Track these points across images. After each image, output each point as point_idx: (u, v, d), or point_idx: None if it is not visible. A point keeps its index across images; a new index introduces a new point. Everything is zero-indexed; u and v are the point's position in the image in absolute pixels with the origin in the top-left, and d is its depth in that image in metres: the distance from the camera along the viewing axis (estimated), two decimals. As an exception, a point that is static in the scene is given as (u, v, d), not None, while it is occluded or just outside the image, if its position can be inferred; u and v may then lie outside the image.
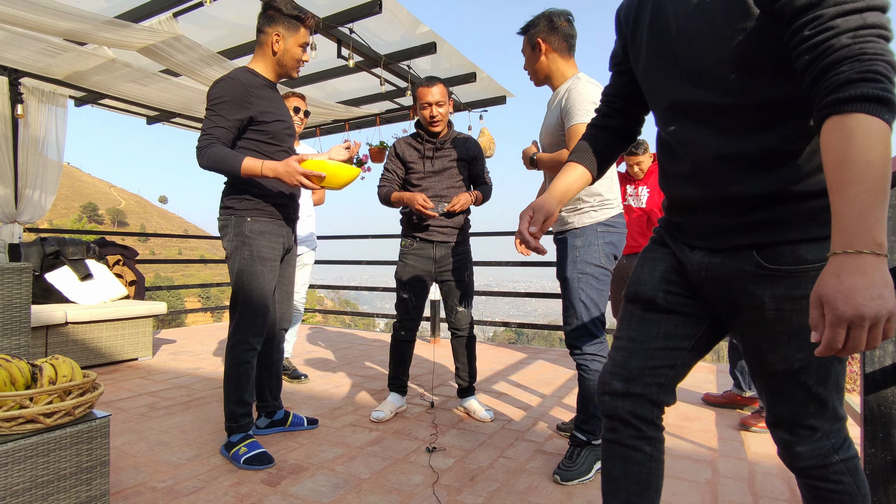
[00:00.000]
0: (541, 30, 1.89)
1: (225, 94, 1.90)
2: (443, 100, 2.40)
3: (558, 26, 1.89)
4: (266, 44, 2.01)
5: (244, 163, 1.85)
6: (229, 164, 1.85)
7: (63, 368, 1.29)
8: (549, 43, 1.90)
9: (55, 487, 1.24)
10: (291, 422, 2.32)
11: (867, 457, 1.21)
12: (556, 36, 1.89)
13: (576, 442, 1.92)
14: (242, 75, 1.97)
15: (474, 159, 2.56)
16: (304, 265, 3.28)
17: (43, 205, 4.30)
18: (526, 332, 47.41)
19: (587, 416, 1.92)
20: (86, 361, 3.47)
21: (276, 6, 1.97)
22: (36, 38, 3.20)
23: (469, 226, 2.62)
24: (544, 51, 1.91)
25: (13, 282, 1.75)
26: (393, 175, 2.56)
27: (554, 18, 1.89)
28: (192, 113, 4.97)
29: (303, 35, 2.02)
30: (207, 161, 1.86)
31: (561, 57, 1.92)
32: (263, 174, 1.87)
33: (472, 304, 2.64)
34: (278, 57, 2.02)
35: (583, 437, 1.90)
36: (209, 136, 1.87)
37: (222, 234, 2.04)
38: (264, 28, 2.00)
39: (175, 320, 20.98)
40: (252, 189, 2.01)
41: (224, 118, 1.89)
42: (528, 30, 1.93)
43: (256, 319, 2.01)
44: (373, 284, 9.08)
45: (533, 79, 2.01)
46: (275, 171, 1.87)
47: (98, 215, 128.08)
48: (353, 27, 3.54)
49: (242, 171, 1.86)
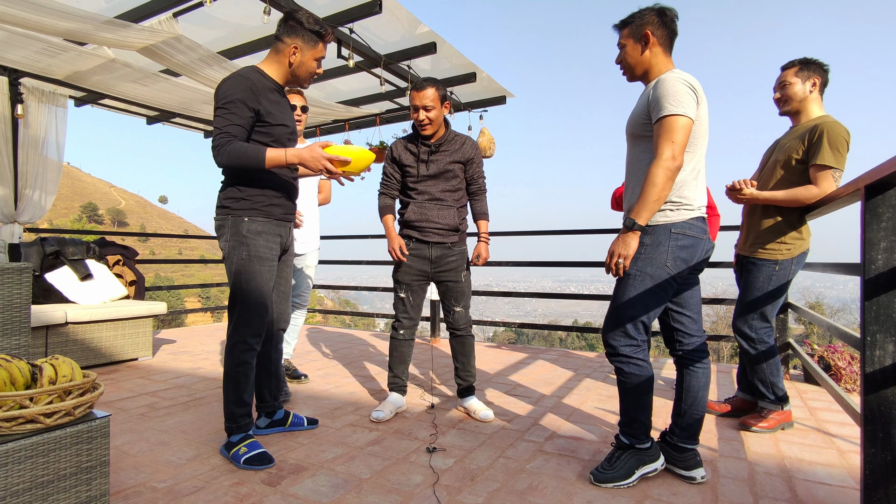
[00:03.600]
0: (650, 21, 1.79)
1: (236, 92, 1.88)
2: (432, 104, 2.37)
3: (667, 21, 1.80)
4: (283, 53, 2.00)
5: (268, 153, 1.86)
6: (252, 157, 1.85)
7: (63, 368, 1.29)
8: (657, 37, 1.79)
9: (55, 487, 1.24)
10: (291, 422, 2.32)
11: (867, 457, 1.20)
12: (664, 31, 1.80)
13: (618, 444, 1.85)
14: (252, 74, 1.96)
15: (470, 161, 2.55)
16: (308, 266, 3.23)
17: (43, 205, 4.30)
18: (526, 332, 47.38)
19: (629, 419, 1.82)
20: (86, 361, 3.47)
21: (297, 18, 1.97)
22: (36, 38, 3.20)
23: (466, 226, 2.62)
24: (651, 44, 1.79)
25: (13, 282, 1.75)
26: (391, 180, 2.60)
27: (666, 12, 1.81)
28: (192, 113, 4.97)
29: (320, 50, 2.04)
30: (228, 158, 1.84)
31: (663, 52, 1.81)
32: (289, 162, 1.89)
33: (470, 304, 2.64)
34: (294, 69, 2.03)
35: (625, 440, 1.82)
36: (225, 133, 1.85)
37: (219, 234, 2.03)
38: (283, 38, 1.99)
39: (175, 320, 20.97)
40: (249, 188, 1.99)
41: (237, 115, 1.88)
42: (634, 20, 1.83)
43: (255, 320, 2.00)
44: (373, 284, 9.09)
45: (628, 73, 1.88)
46: (300, 158, 1.90)
47: (98, 215, 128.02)
48: (353, 27, 3.54)
49: (267, 162, 1.87)
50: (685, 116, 1.64)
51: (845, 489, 1.78)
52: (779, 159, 2.34)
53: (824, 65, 2.33)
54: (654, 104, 1.69)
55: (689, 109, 1.65)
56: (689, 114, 1.64)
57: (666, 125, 1.65)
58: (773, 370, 2.35)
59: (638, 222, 1.67)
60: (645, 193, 1.65)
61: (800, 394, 3.03)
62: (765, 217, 2.34)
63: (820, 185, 2.17)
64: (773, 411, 2.37)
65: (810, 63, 2.32)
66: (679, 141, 1.63)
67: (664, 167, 1.63)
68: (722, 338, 4.13)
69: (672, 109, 1.64)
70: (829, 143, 2.15)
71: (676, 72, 1.73)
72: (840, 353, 3.25)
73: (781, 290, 2.32)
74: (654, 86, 1.72)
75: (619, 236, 1.73)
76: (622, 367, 1.79)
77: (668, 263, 1.72)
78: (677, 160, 1.63)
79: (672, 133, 1.64)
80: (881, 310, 1.19)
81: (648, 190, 1.64)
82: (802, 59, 2.35)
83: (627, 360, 1.78)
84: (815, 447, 2.18)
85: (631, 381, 1.79)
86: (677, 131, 1.63)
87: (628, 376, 1.79)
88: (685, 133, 1.64)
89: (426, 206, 2.50)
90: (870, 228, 1.21)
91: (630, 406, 1.81)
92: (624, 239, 1.71)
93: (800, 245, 2.30)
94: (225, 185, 2.03)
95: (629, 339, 1.78)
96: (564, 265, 4.66)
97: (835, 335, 2.12)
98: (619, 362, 1.80)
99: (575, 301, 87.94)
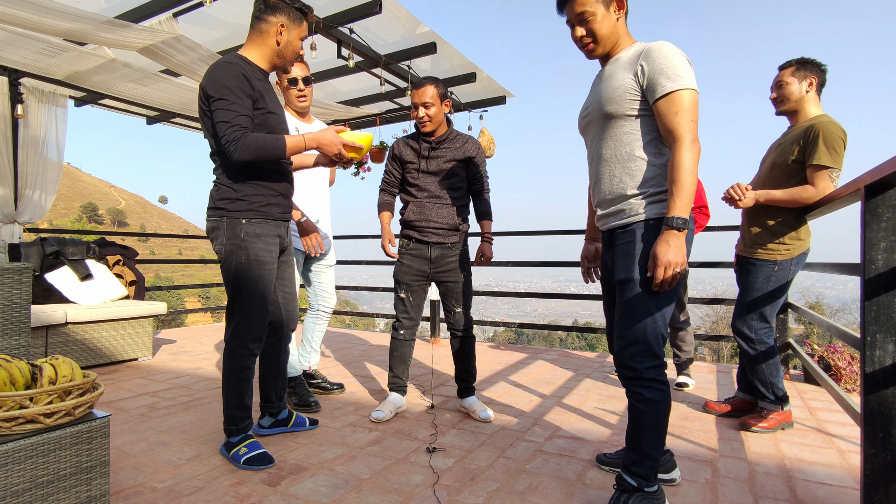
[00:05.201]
0: None
1: (230, 81, 1.79)
2: (431, 101, 2.38)
3: None
4: (268, 33, 1.90)
5: (288, 141, 1.83)
6: (273, 147, 1.80)
7: (63, 368, 1.29)
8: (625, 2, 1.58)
9: (55, 487, 1.24)
10: (294, 422, 2.31)
11: (867, 457, 1.20)
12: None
13: (622, 487, 1.56)
14: (238, 59, 1.88)
15: (471, 160, 2.54)
16: (328, 266, 2.96)
17: (43, 205, 4.30)
18: (526, 332, 47.37)
19: (639, 456, 1.54)
20: (86, 361, 3.47)
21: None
22: (36, 38, 3.20)
23: (467, 226, 2.61)
24: (625, 10, 1.58)
25: (13, 282, 1.75)
26: (391, 177, 2.61)
27: None
28: (192, 113, 4.97)
29: (304, 28, 1.98)
30: (248, 152, 1.76)
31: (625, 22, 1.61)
32: (308, 147, 1.89)
33: (471, 305, 2.64)
34: (280, 48, 1.93)
35: (632, 482, 1.54)
36: (236, 125, 1.76)
37: (212, 235, 1.94)
38: (266, 17, 1.89)
39: (175, 320, 20.97)
40: (246, 188, 1.90)
41: (240, 104, 1.79)
42: None
43: (256, 325, 1.95)
44: (373, 284, 9.07)
45: (594, 46, 1.61)
46: (318, 142, 1.91)
47: (98, 215, 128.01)
48: (353, 27, 3.54)
49: (287, 151, 1.84)
50: (695, 90, 1.47)
51: (845, 489, 1.78)
52: (776, 161, 2.34)
53: (821, 65, 2.33)
54: (656, 77, 1.47)
55: (695, 82, 1.48)
56: (696, 87, 1.47)
57: (680, 101, 1.45)
58: (772, 370, 2.35)
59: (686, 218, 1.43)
60: (681, 184, 1.43)
61: (800, 394, 3.03)
62: (764, 217, 2.34)
63: (817, 185, 2.17)
64: (773, 411, 2.37)
65: (807, 63, 2.32)
66: (696, 119, 1.47)
67: (693, 150, 1.44)
68: (722, 338, 4.13)
69: (683, 82, 1.45)
70: (826, 143, 2.15)
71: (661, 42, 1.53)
72: (840, 353, 3.25)
73: (781, 290, 2.32)
74: (646, 56, 1.50)
75: (663, 241, 1.44)
76: (642, 393, 1.53)
77: None
78: (698, 141, 1.46)
79: (690, 110, 1.45)
80: (881, 310, 1.19)
81: (685, 179, 1.43)
82: (799, 59, 2.35)
83: (650, 385, 1.52)
84: (815, 447, 2.18)
85: (650, 410, 1.52)
86: (693, 108, 1.46)
87: (648, 403, 1.52)
88: (697, 109, 1.48)
89: (425, 204, 2.49)
90: (870, 228, 1.21)
91: (644, 439, 1.53)
92: (675, 243, 1.43)
93: (799, 245, 2.30)
94: (218, 183, 1.92)
95: (653, 360, 1.52)
96: (564, 265, 4.66)
97: (835, 335, 2.12)
98: (639, 387, 1.53)
99: (575, 301, 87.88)
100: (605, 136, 1.62)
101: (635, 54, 1.54)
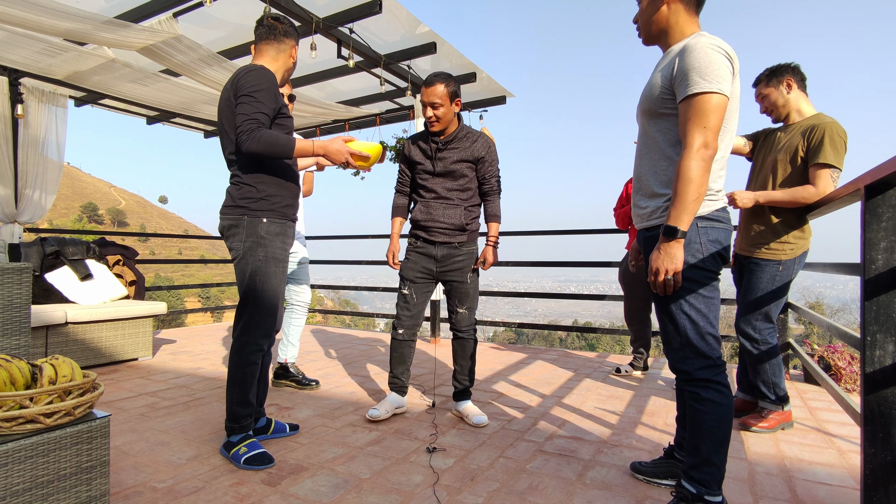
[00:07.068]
0: None
1: (264, 83, 1.91)
2: (440, 101, 2.35)
3: None
4: (285, 53, 2.09)
5: (297, 143, 1.91)
6: (283, 145, 1.87)
7: (63, 368, 1.29)
8: None
9: (55, 487, 1.24)
10: (274, 429, 2.25)
11: (867, 457, 1.20)
12: None
13: (681, 494, 1.50)
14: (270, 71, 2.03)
15: (481, 160, 2.50)
16: (301, 264, 3.12)
17: (43, 205, 4.30)
18: (526, 332, 47.38)
19: (698, 461, 1.47)
20: (86, 361, 3.48)
21: (290, 21, 2.12)
22: (36, 38, 3.20)
23: (477, 226, 2.58)
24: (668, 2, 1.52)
25: (13, 282, 1.75)
26: (403, 177, 2.64)
27: None
28: (192, 113, 4.97)
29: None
30: (258, 144, 1.84)
31: (685, 9, 1.53)
32: (315, 152, 1.96)
33: (477, 307, 2.60)
34: (290, 67, 2.14)
35: (690, 489, 1.48)
36: (255, 119, 1.85)
37: (230, 233, 1.98)
38: (283, 39, 2.07)
39: (175, 320, 20.98)
40: (267, 188, 1.99)
41: (265, 104, 1.90)
42: None
43: (266, 321, 2.01)
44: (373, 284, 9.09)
45: (643, 33, 1.61)
46: (325, 149, 1.99)
47: (98, 215, 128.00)
48: (353, 27, 3.54)
49: (295, 151, 1.91)
50: (720, 94, 1.37)
51: (845, 489, 1.78)
52: (781, 158, 2.33)
53: (790, 64, 2.39)
54: (682, 77, 1.41)
55: (725, 84, 1.38)
56: (724, 90, 1.37)
57: (696, 106, 1.38)
58: (775, 370, 2.35)
59: (681, 228, 1.39)
60: (681, 193, 1.38)
61: (800, 394, 3.03)
62: (766, 217, 2.34)
63: (818, 184, 2.18)
64: (773, 411, 2.37)
65: (775, 69, 2.40)
66: (713, 125, 1.37)
67: (698, 158, 1.37)
68: (722, 338, 4.13)
69: (704, 86, 1.37)
70: (831, 143, 2.17)
71: (706, 36, 1.44)
72: (840, 353, 3.25)
73: (783, 289, 2.33)
74: (682, 54, 1.43)
75: (660, 248, 1.44)
76: (698, 392, 1.49)
77: (707, 260, 1.49)
78: (711, 147, 1.38)
79: (704, 116, 1.37)
80: (881, 310, 1.19)
81: (685, 189, 1.37)
82: (766, 72, 2.43)
83: (706, 385, 1.49)
84: (815, 447, 2.18)
85: (707, 411, 1.47)
86: (711, 113, 1.37)
87: (705, 403, 1.48)
88: (719, 114, 1.38)
89: (431, 204, 2.48)
90: (870, 228, 1.21)
91: (703, 443, 1.47)
92: (666, 250, 1.42)
93: (802, 245, 2.30)
94: (240, 182, 1.98)
95: (703, 360, 1.49)
96: (564, 265, 4.67)
97: (835, 335, 2.12)
98: (695, 387, 1.50)
99: (575, 301, 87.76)
100: (643, 131, 1.62)
101: (678, 49, 1.48)
